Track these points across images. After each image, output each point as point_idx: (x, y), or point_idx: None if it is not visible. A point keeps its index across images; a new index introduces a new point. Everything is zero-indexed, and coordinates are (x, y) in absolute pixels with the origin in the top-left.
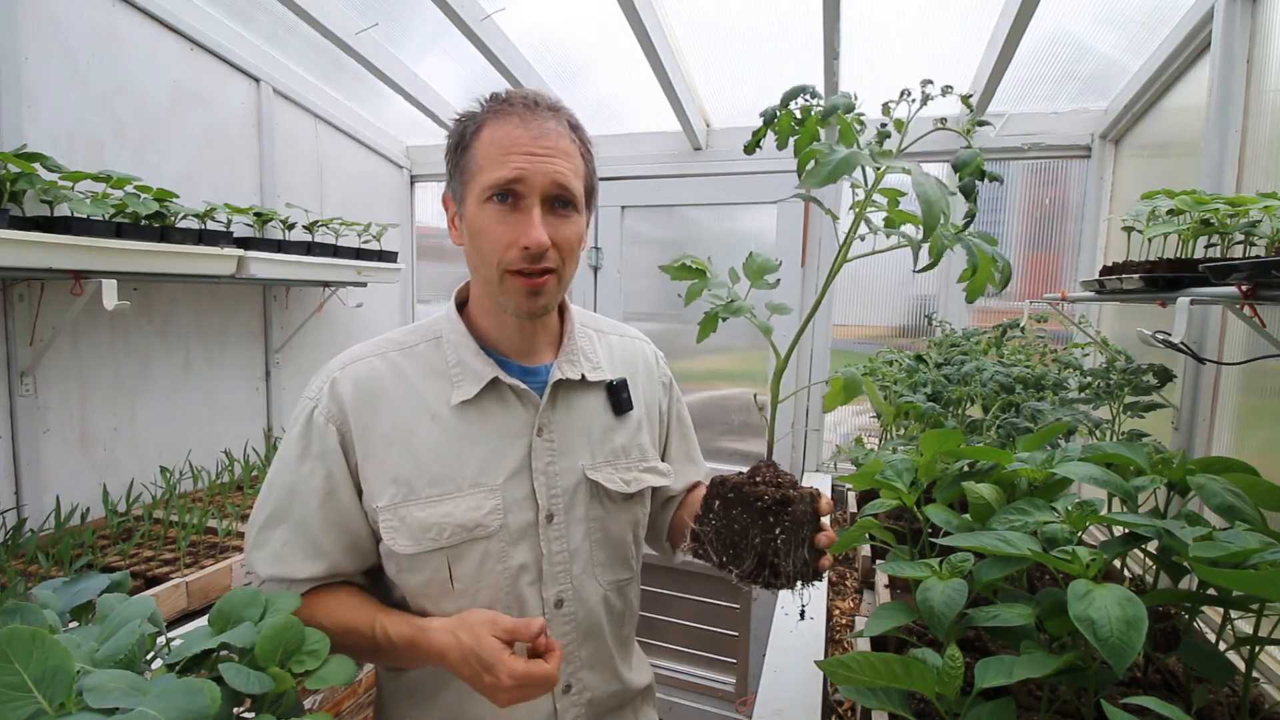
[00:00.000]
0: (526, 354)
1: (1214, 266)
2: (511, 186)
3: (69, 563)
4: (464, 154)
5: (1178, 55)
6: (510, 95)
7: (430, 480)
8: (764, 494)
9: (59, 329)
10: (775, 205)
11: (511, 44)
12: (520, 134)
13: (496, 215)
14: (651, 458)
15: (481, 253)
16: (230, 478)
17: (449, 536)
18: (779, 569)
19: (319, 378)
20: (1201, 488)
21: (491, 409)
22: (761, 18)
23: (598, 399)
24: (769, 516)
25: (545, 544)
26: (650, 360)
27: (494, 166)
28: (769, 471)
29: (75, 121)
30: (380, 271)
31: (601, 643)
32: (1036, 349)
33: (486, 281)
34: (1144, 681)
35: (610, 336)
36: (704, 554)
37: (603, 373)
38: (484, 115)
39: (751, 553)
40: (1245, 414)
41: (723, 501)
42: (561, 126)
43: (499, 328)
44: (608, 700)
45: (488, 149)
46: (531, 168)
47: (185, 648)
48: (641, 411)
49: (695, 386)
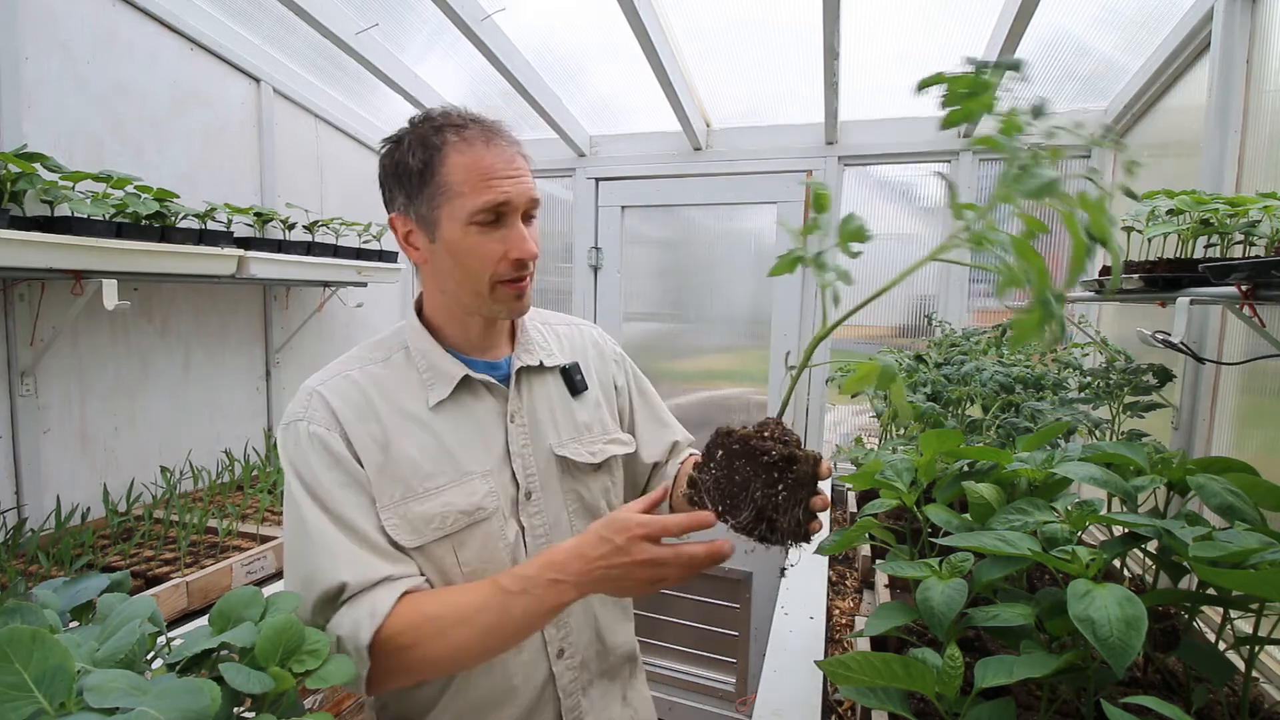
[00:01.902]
0: (486, 350)
1: (1214, 266)
2: (500, 208)
3: (69, 562)
4: (431, 179)
5: (1177, 55)
6: (463, 120)
7: (425, 476)
8: (771, 449)
9: (59, 329)
10: (775, 205)
11: (511, 44)
12: (493, 160)
13: (484, 235)
14: (613, 430)
15: (471, 270)
16: (230, 478)
17: (452, 523)
18: (776, 524)
19: (299, 398)
20: (1201, 488)
21: (467, 404)
22: (761, 18)
23: (556, 383)
24: (774, 471)
25: (526, 518)
26: (598, 341)
27: (478, 192)
28: (777, 429)
29: (75, 121)
30: (380, 271)
31: (586, 606)
32: (1036, 349)
33: (474, 294)
34: (1144, 681)
35: (558, 326)
36: (699, 501)
37: (556, 358)
38: (442, 141)
39: (750, 505)
40: (1245, 414)
41: (726, 452)
42: (515, 147)
43: (462, 330)
44: (596, 663)
45: (465, 175)
46: (514, 189)
47: (185, 647)
48: (597, 390)
49: (695, 386)
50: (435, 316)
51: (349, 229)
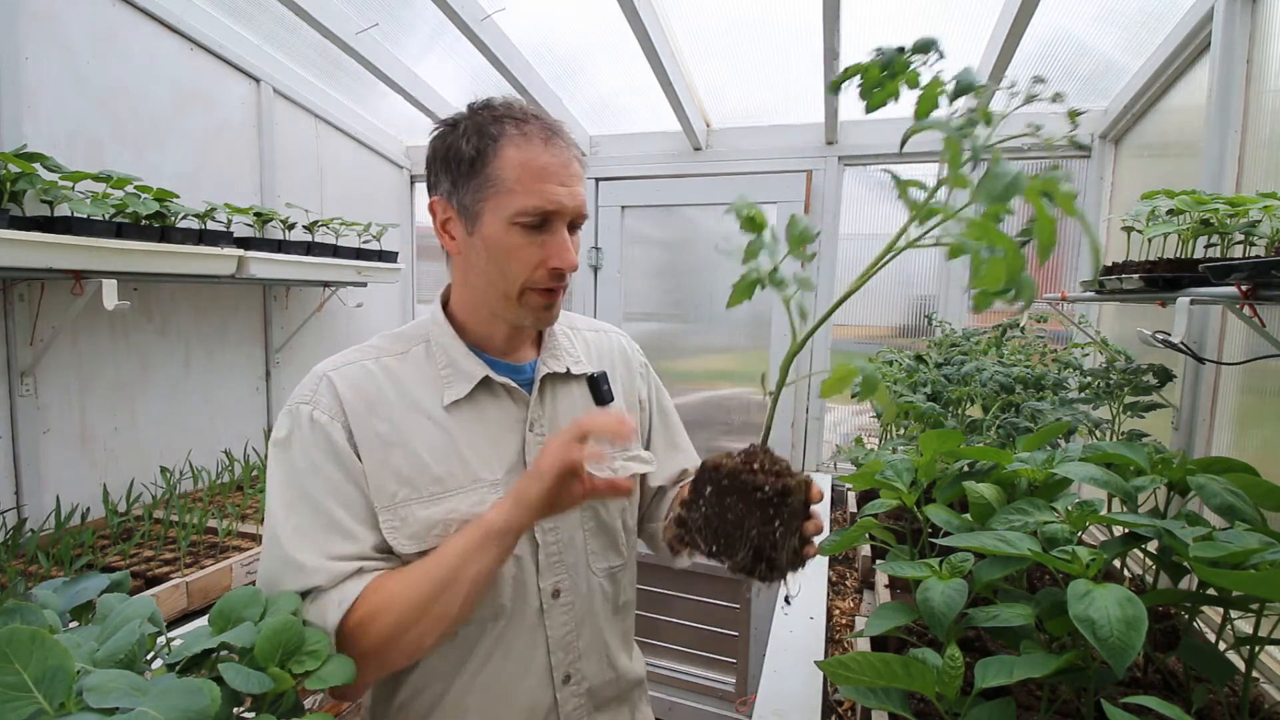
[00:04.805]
0: (511, 353)
1: (1214, 266)
2: (548, 214)
3: (69, 563)
4: (482, 170)
5: (1178, 55)
6: (525, 114)
7: (432, 479)
8: (764, 484)
9: (59, 329)
10: (775, 205)
11: (511, 44)
12: (549, 161)
13: (525, 237)
14: (635, 446)
15: (505, 270)
16: (230, 478)
17: (455, 531)
18: (775, 562)
19: (308, 381)
20: (1201, 488)
21: (485, 407)
22: (761, 18)
23: (581, 392)
24: (768, 509)
25: (540, 534)
26: (626, 351)
27: (529, 194)
28: (766, 459)
29: (75, 121)
30: (380, 271)
31: (597, 631)
32: (1036, 349)
33: (503, 296)
34: (1144, 681)
35: (585, 332)
36: (690, 541)
37: (584, 366)
38: (500, 132)
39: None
40: (1245, 414)
41: (716, 489)
42: (575, 152)
43: (487, 330)
44: (605, 689)
45: (519, 173)
46: (566, 196)
47: (185, 648)
48: (621, 402)
49: (695, 386)
50: (460, 311)
51: (349, 229)
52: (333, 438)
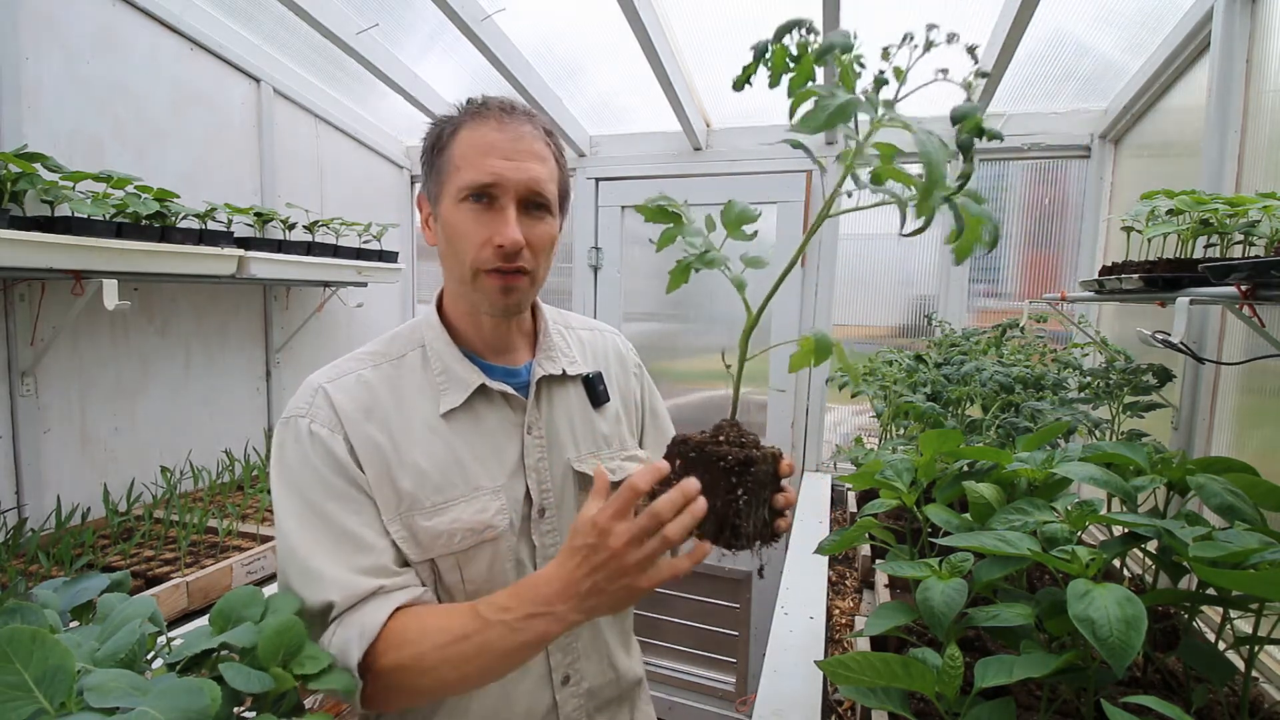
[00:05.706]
0: (504, 353)
1: (1213, 266)
2: (488, 189)
3: (69, 562)
4: (440, 155)
5: (1177, 55)
6: (487, 100)
7: (434, 489)
8: (727, 454)
9: (59, 329)
10: (775, 205)
11: (511, 44)
12: (497, 137)
13: (472, 215)
14: (631, 446)
15: (456, 251)
16: (231, 478)
17: (460, 541)
18: (739, 530)
19: (303, 393)
20: (1201, 488)
21: (481, 414)
22: (761, 18)
23: (577, 392)
24: (731, 477)
25: (539, 537)
26: (621, 351)
27: (471, 168)
28: (732, 431)
29: (75, 121)
30: (381, 271)
31: (596, 631)
32: (1036, 349)
33: (460, 280)
34: (1144, 681)
35: (580, 331)
36: None
37: (579, 366)
38: (461, 119)
39: (711, 514)
40: (1245, 414)
41: (684, 461)
42: (536, 130)
43: (475, 328)
44: (605, 690)
45: (465, 150)
46: (509, 169)
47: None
48: (618, 402)
49: (691, 386)
50: (451, 311)
51: (349, 229)
52: (334, 450)
